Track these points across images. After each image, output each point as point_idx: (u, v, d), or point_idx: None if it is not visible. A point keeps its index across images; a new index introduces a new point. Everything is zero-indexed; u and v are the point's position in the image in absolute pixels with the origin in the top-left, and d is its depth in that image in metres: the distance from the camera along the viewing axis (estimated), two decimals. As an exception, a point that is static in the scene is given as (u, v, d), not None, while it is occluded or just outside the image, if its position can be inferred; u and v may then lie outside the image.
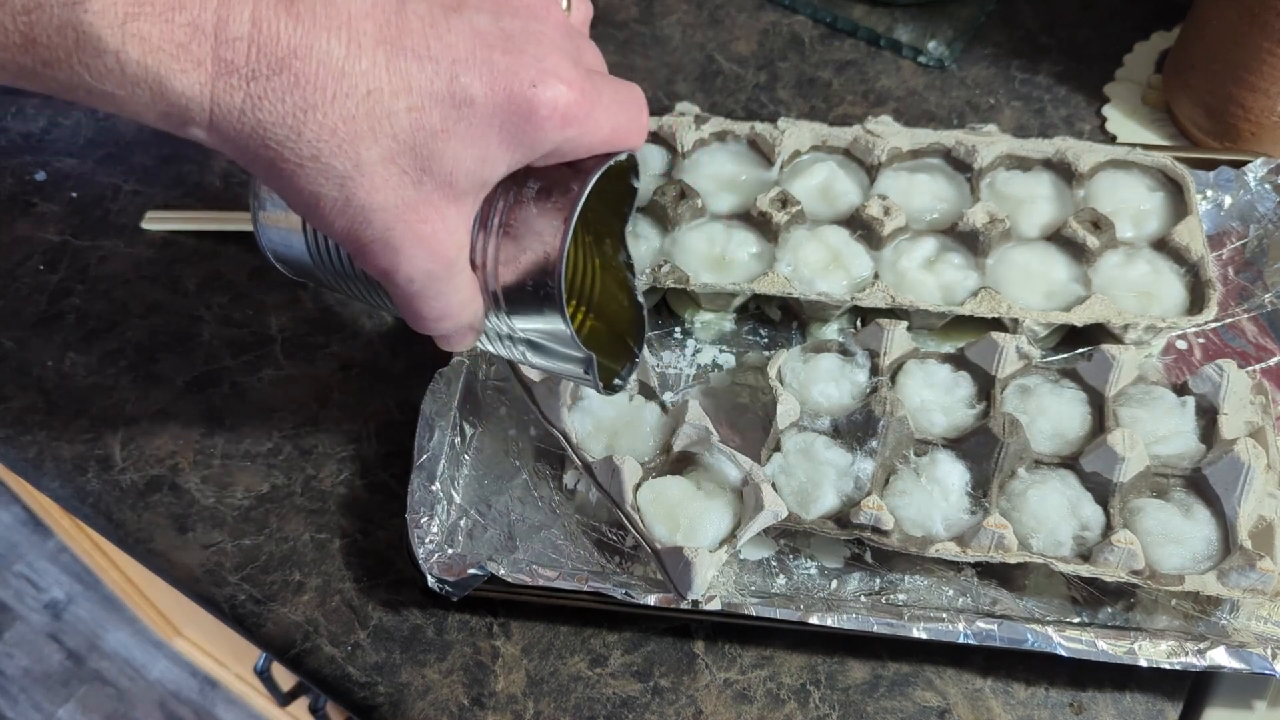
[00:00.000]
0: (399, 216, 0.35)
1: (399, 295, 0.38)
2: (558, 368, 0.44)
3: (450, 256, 0.37)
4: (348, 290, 0.46)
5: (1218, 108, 0.65)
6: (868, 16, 0.76)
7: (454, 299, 0.39)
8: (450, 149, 0.34)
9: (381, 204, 0.35)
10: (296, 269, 0.47)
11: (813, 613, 0.48)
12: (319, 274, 0.46)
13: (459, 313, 0.39)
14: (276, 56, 0.32)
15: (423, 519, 0.51)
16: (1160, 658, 0.47)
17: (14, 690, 1.49)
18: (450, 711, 0.50)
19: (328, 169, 0.34)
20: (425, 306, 0.39)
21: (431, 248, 0.36)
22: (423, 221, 0.36)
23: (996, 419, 0.51)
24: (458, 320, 0.40)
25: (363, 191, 0.34)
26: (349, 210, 0.35)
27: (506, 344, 0.44)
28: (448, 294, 0.38)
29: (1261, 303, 0.60)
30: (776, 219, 0.59)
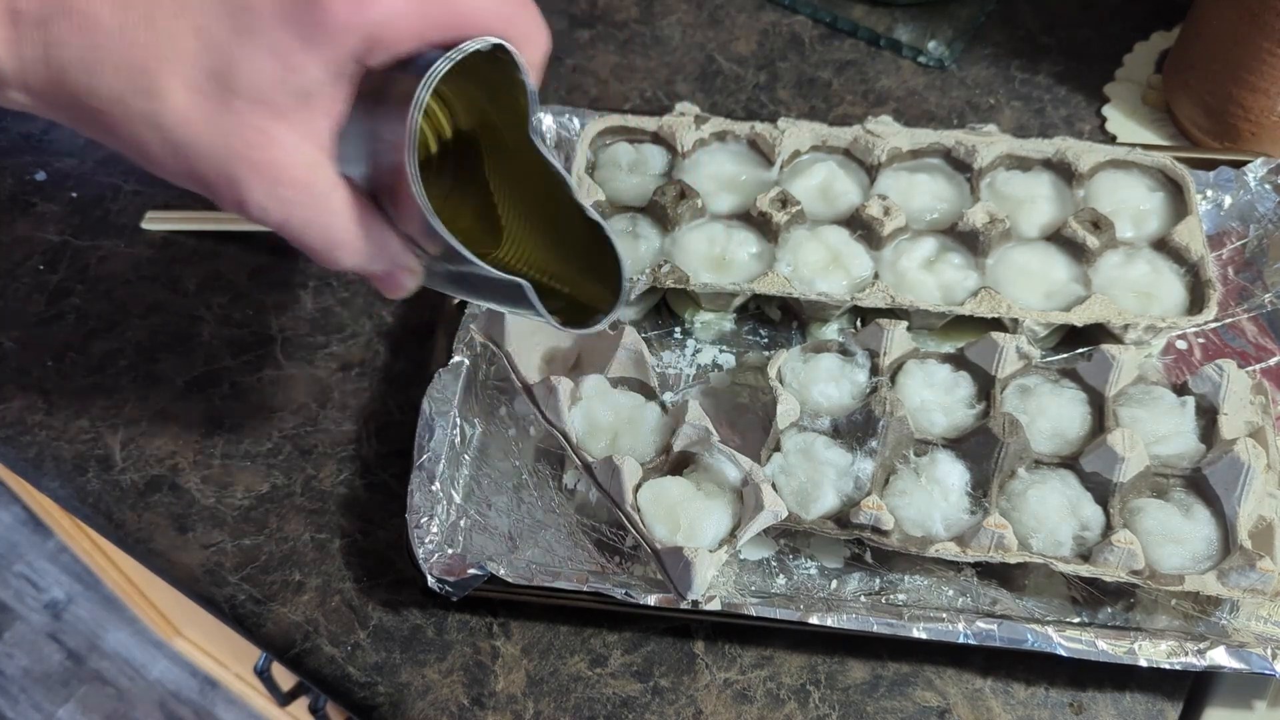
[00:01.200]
0: (226, 147, 0.34)
1: (274, 229, 0.37)
2: (507, 307, 0.42)
3: (299, 178, 0.35)
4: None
5: (1218, 108, 0.65)
6: (868, 16, 0.76)
7: (333, 224, 0.37)
8: (246, 62, 0.33)
9: (201, 137, 0.33)
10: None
11: (813, 613, 0.48)
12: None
13: (352, 241, 0.37)
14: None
15: (423, 519, 0.51)
16: (1160, 658, 0.47)
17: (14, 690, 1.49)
18: (450, 711, 0.50)
19: (133, 110, 0.33)
20: (304, 237, 0.37)
21: (271, 174, 0.34)
22: (250, 147, 0.34)
23: (996, 419, 0.51)
24: (358, 251, 0.38)
25: (178, 127, 0.33)
26: (177, 151, 0.34)
27: (444, 281, 0.42)
28: (320, 219, 0.36)
29: (1261, 303, 0.60)
30: (776, 219, 0.59)
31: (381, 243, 0.38)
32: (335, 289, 0.64)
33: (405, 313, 0.63)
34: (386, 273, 0.40)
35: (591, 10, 0.78)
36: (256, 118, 0.34)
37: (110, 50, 0.32)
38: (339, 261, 0.38)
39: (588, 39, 0.76)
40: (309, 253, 0.38)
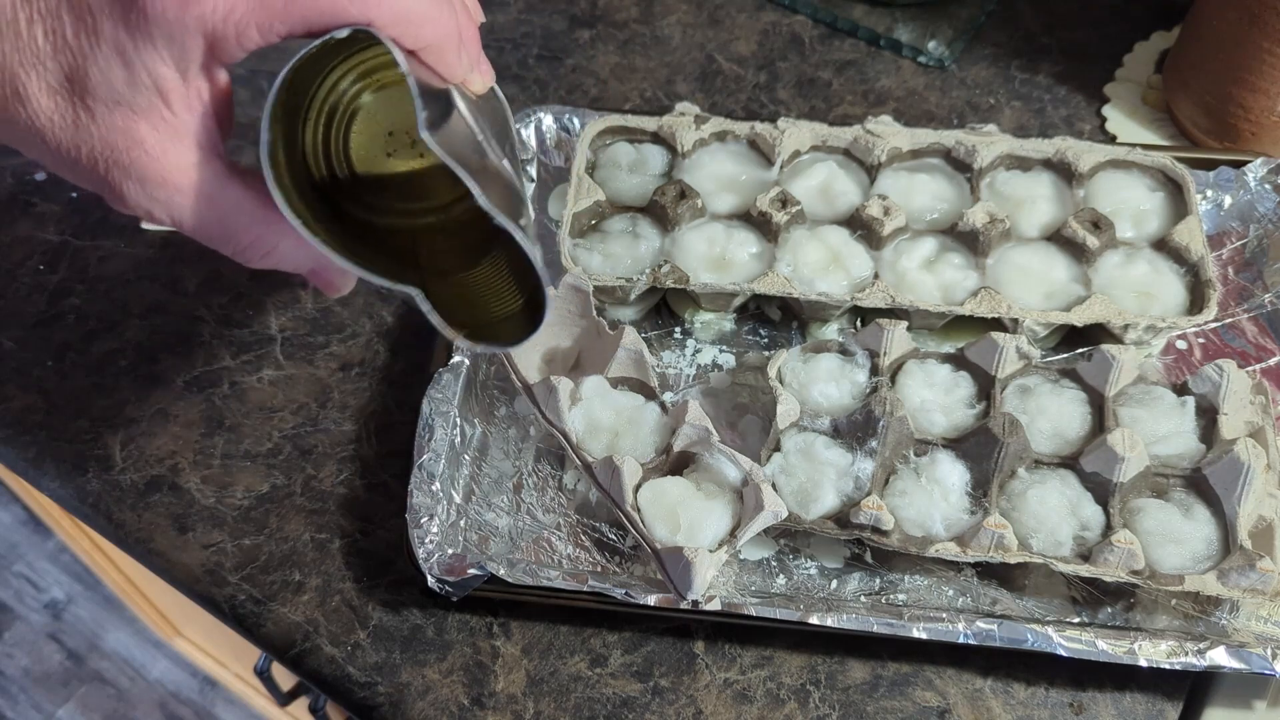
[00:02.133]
0: (93, 150, 0.34)
1: (182, 231, 0.36)
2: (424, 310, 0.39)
3: (171, 178, 0.34)
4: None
5: (1218, 108, 0.65)
6: (868, 16, 0.76)
7: (229, 221, 0.36)
8: (94, 64, 0.33)
9: (69, 140, 0.33)
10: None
11: (813, 613, 0.48)
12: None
13: (255, 239, 0.37)
14: None
15: (423, 519, 0.51)
16: (1160, 658, 0.47)
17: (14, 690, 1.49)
18: (450, 711, 0.50)
19: (12, 115, 0.33)
20: (203, 237, 0.36)
21: (142, 174, 0.34)
22: (115, 150, 0.34)
23: (996, 419, 0.51)
24: (267, 248, 0.37)
25: (46, 131, 0.33)
26: (56, 156, 0.34)
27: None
28: (211, 216, 0.35)
29: (1261, 303, 0.60)
30: (776, 219, 0.59)
31: (286, 244, 0.38)
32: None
33: (405, 312, 0.63)
34: (312, 271, 0.39)
35: (591, 10, 0.78)
36: (117, 119, 0.34)
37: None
38: (251, 260, 0.38)
39: (588, 39, 0.76)
40: (227, 254, 0.37)
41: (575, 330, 0.57)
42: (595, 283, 0.57)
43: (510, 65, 0.74)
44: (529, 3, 0.78)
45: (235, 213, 0.36)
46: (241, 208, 0.36)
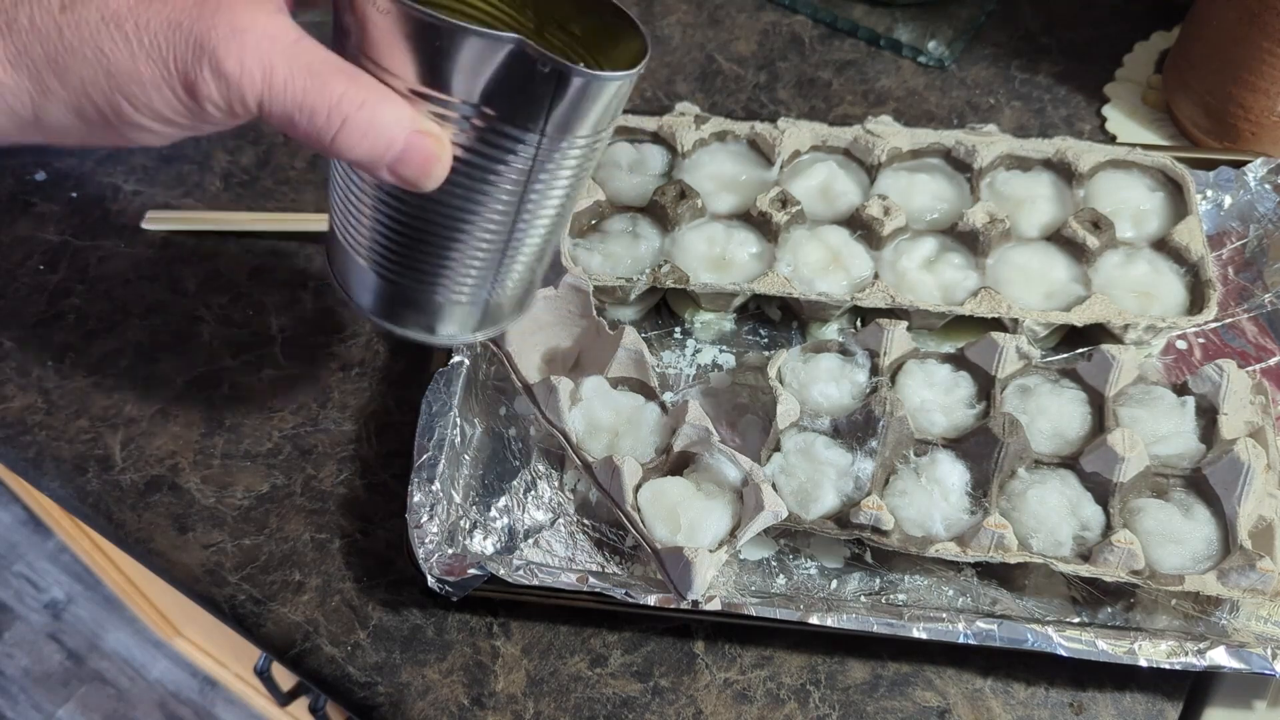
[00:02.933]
0: (183, 14, 0.32)
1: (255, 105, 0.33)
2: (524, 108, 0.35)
3: (260, 26, 0.33)
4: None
5: (1218, 108, 0.65)
6: (868, 16, 0.76)
7: (323, 73, 0.33)
8: None
9: (153, 19, 0.32)
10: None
11: (813, 613, 0.48)
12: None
13: (351, 96, 0.34)
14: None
15: (423, 519, 0.51)
16: (1160, 658, 0.47)
17: (14, 690, 1.49)
18: (450, 711, 0.50)
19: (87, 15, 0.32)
20: (305, 93, 0.33)
21: (232, 23, 0.32)
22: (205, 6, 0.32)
23: (996, 419, 0.51)
24: (366, 104, 0.34)
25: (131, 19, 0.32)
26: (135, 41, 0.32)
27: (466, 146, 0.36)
28: (309, 69, 0.33)
29: (1261, 303, 0.60)
30: (776, 219, 0.59)
31: (385, 100, 0.34)
32: (336, 289, 0.64)
33: (405, 313, 0.63)
34: (406, 147, 0.35)
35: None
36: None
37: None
38: (344, 133, 0.34)
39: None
40: (307, 131, 0.34)
41: (575, 330, 0.57)
42: (595, 283, 0.57)
43: (510, 65, 0.74)
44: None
45: (323, 63, 0.34)
46: (327, 59, 0.34)
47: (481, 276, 0.41)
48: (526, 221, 0.39)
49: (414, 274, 0.41)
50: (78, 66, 0.33)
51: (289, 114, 0.33)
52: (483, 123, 0.35)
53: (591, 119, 0.36)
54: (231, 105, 0.33)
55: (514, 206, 0.38)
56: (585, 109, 0.35)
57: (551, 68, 0.33)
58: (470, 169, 0.36)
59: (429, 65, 0.34)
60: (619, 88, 0.36)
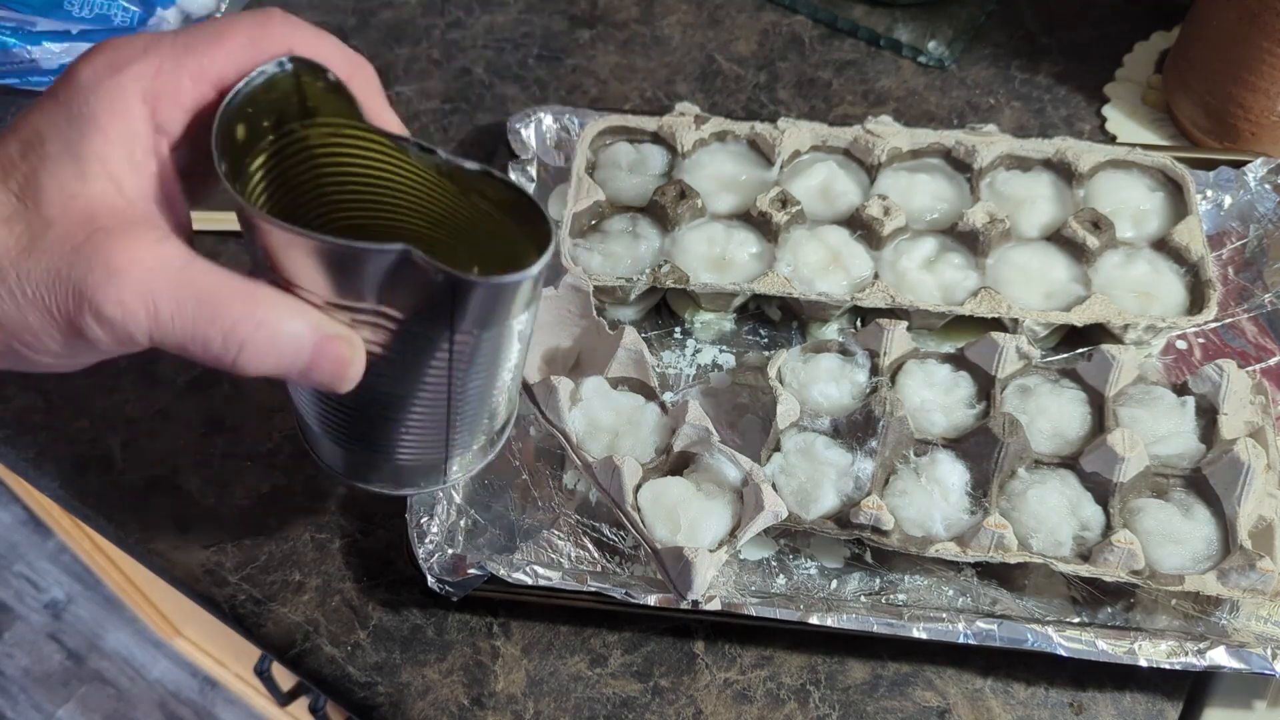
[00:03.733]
0: (63, 259, 0.32)
1: (147, 338, 0.33)
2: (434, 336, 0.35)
3: (141, 260, 0.32)
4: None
5: (1218, 108, 0.65)
6: (868, 16, 0.76)
7: (215, 300, 0.33)
8: (43, 170, 0.33)
9: (35, 266, 0.32)
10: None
11: (813, 613, 0.48)
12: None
13: (249, 317, 0.33)
14: None
15: (423, 519, 0.51)
16: (1160, 658, 0.47)
17: (14, 690, 1.49)
18: (450, 711, 0.50)
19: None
20: (196, 322, 0.32)
21: (110, 264, 0.32)
22: (81, 244, 0.32)
23: (996, 419, 0.51)
24: (265, 324, 0.33)
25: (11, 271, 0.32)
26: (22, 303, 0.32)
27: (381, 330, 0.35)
28: (198, 298, 0.32)
29: (1261, 303, 0.60)
30: (776, 219, 0.59)
31: (284, 313, 0.33)
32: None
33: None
34: (315, 355, 0.34)
35: (591, 10, 0.78)
36: (74, 214, 0.32)
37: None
38: (237, 342, 0.33)
39: (588, 39, 0.76)
40: (204, 358, 0.33)
41: (575, 330, 0.57)
42: (595, 283, 0.57)
43: (510, 65, 0.74)
44: (529, 3, 0.78)
45: (213, 288, 0.33)
46: (218, 282, 0.33)
47: (431, 441, 0.41)
48: (463, 397, 0.39)
49: (365, 443, 0.41)
50: None
51: (183, 344, 0.33)
52: (393, 324, 0.35)
53: (500, 311, 0.35)
54: (122, 342, 0.33)
55: (444, 386, 0.38)
56: (489, 307, 0.35)
57: (444, 277, 0.32)
58: (391, 362, 0.36)
59: (326, 278, 0.33)
60: (521, 287, 0.34)
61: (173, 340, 0.33)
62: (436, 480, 0.44)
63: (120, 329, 0.32)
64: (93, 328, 0.32)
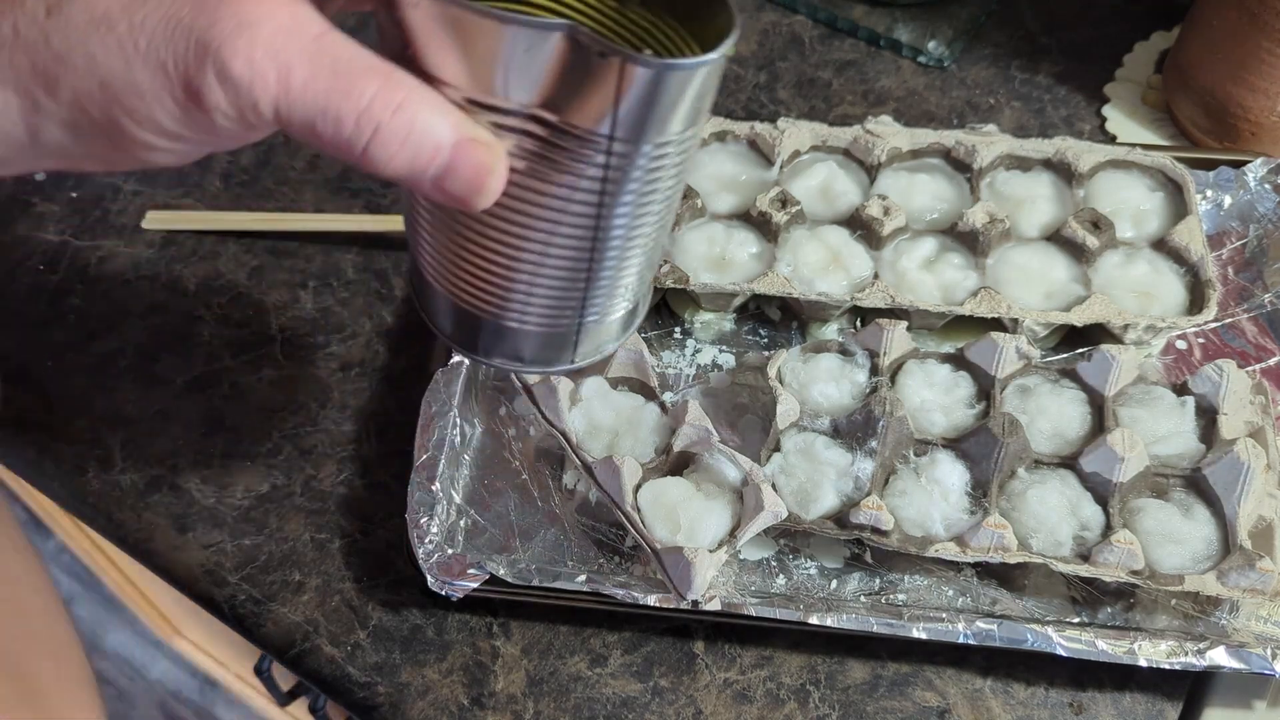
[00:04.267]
0: (192, 10, 0.28)
1: (271, 113, 0.29)
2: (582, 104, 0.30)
3: (278, 20, 0.28)
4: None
5: (1218, 108, 0.65)
6: (868, 16, 0.76)
7: (351, 73, 0.29)
8: None
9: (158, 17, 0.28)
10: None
11: (813, 613, 0.48)
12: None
13: (386, 97, 0.29)
14: None
15: (423, 519, 0.51)
16: (1160, 658, 0.47)
17: (14, 690, 1.48)
18: (450, 711, 0.50)
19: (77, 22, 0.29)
20: (330, 95, 0.28)
21: (246, 18, 0.28)
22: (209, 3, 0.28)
23: (996, 419, 0.51)
24: (404, 106, 0.29)
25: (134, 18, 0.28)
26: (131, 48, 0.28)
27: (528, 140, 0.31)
28: (334, 69, 0.28)
29: (1261, 303, 0.60)
30: (776, 219, 0.59)
31: (426, 103, 0.29)
32: (335, 289, 0.64)
33: (405, 312, 0.63)
34: (453, 158, 0.30)
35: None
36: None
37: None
38: (377, 142, 0.29)
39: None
40: (334, 141, 0.29)
41: (575, 330, 0.57)
42: (595, 283, 0.57)
43: (510, 65, 0.74)
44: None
45: (350, 60, 0.29)
46: (357, 56, 0.29)
47: (565, 302, 0.36)
48: (609, 241, 0.34)
49: (490, 300, 0.36)
50: (68, 78, 0.29)
51: (310, 121, 0.29)
52: (543, 130, 0.30)
53: (669, 115, 0.30)
54: (244, 114, 0.29)
55: (591, 224, 0.33)
56: (659, 104, 0.30)
57: (610, 56, 0.28)
58: (535, 182, 0.32)
59: (474, 64, 0.29)
60: (697, 76, 0.30)
61: (300, 114, 0.28)
62: (564, 358, 0.39)
63: (245, 93, 0.28)
64: (213, 90, 0.28)
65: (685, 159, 0.34)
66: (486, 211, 0.32)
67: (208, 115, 0.29)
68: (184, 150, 0.31)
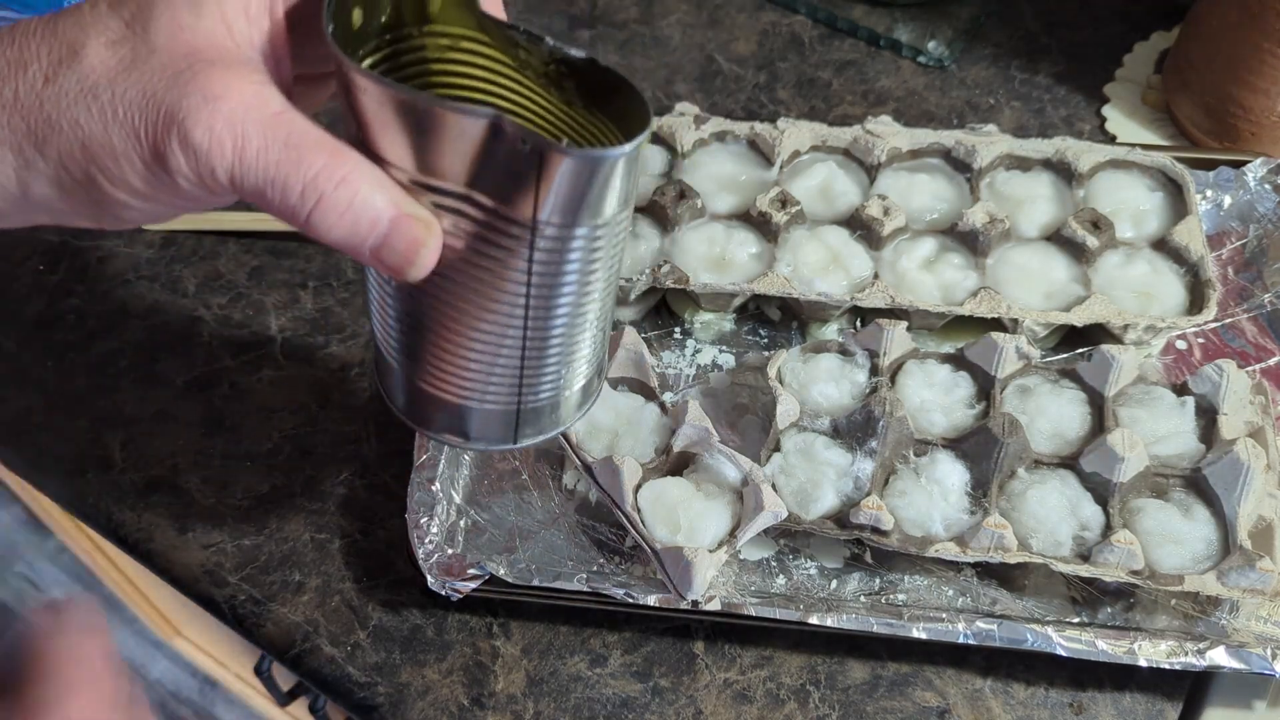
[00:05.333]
0: (160, 84, 0.31)
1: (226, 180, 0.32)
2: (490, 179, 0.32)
3: (236, 95, 0.31)
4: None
5: (1218, 108, 0.65)
6: (868, 16, 0.76)
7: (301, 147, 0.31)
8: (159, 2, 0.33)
9: (131, 87, 0.31)
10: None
11: (813, 613, 0.48)
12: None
13: (332, 171, 0.31)
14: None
15: (423, 519, 0.51)
16: (1160, 658, 0.47)
17: (14, 690, 1.48)
18: (450, 711, 0.50)
19: (63, 85, 0.32)
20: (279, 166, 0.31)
21: (207, 90, 0.31)
22: (180, 73, 0.31)
23: (996, 419, 0.51)
24: (347, 181, 0.32)
25: (106, 88, 0.32)
26: (105, 110, 0.32)
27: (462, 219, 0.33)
28: (287, 142, 0.31)
29: (1261, 303, 0.60)
30: (776, 219, 0.59)
31: (367, 178, 0.32)
32: (335, 289, 0.64)
33: (405, 313, 0.63)
34: (389, 230, 0.32)
35: (591, 10, 0.78)
36: (179, 45, 0.32)
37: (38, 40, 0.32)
38: (317, 196, 0.32)
39: (588, 39, 0.76)
40: (280, 207, 0.32)
41: (575, 330, 0.57)
42: (595, 283, 0.57)
43: (510, 65, 0.74)
44: (529, 3, 0.78)
45: (303, 135, 0.31)
46: (309, 132, 0.32)
47: (503, 381, 0.38)
48: (542, 322, 0.36)
49: (435, 375, 0.38)
50: (55, 139, 0.32)
51: (261, 188, 0.32)
52: (476, 210, 0.32)
53: (589, 201, 0.32)
54: (202, 178, 0.32)
55: (521, 304, 0.35)
56: (579, 190, 0.32)
57: (532, 145, 0.30)
58: (468, 260, 0.34)
59: (413, 146, 0.32)
60: (613, 164, 0.32)
61: (252, 180, 0.32)
62: (505, 437, 0.40)
63: (204, 159, 0.31)
64: (176, 155, 0.31)
65: (612, 246, 0.35)
66: (425, 283, 0.34)
67: (171, 177, 0.32)
68: (154, 210, 0.34)
